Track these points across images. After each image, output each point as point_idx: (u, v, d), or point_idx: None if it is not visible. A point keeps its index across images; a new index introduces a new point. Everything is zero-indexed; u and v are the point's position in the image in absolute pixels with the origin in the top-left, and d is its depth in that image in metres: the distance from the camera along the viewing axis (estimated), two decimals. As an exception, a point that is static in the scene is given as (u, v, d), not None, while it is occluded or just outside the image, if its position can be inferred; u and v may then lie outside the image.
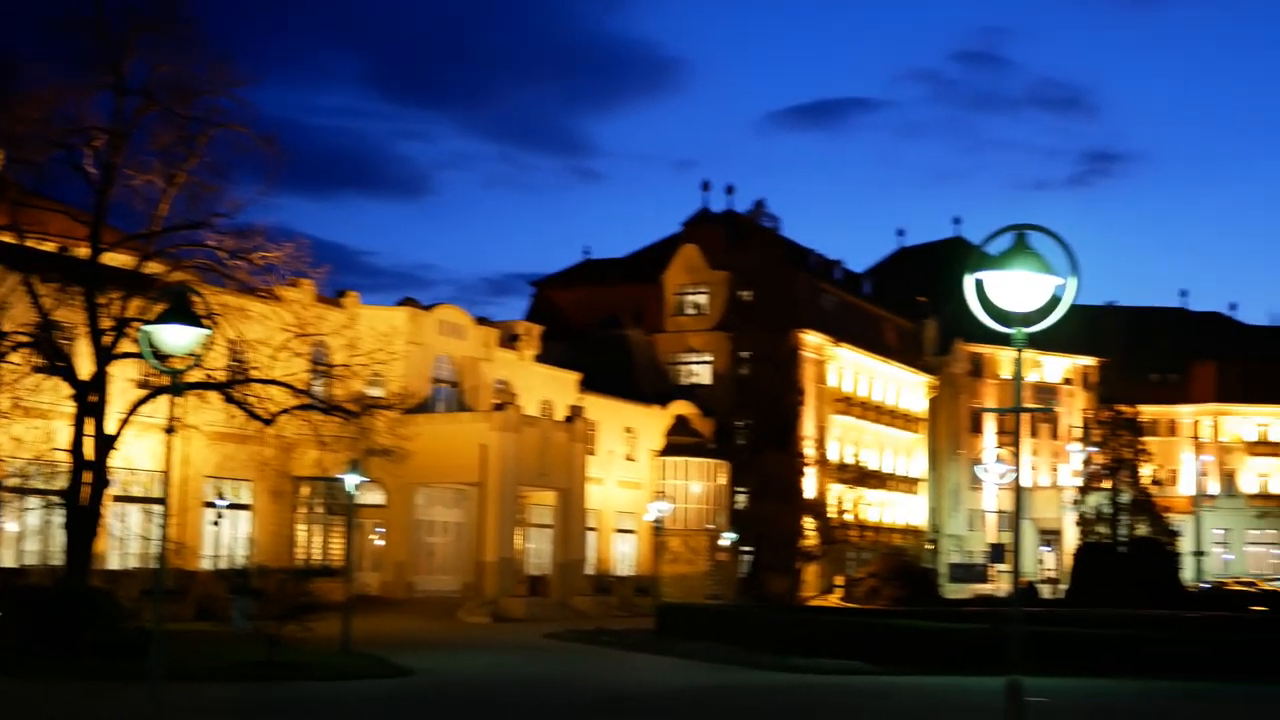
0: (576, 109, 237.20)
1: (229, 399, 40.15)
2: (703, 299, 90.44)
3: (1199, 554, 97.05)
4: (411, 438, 53.05)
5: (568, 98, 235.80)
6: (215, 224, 39.76)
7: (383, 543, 66.11)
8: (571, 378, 77.42)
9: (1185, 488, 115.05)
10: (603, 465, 77.65)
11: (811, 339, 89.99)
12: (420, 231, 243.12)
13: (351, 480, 41.56)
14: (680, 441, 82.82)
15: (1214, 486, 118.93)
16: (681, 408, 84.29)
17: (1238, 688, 33.10)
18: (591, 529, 76.23)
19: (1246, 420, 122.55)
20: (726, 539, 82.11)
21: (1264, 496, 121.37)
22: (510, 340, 74.96)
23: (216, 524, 58.01)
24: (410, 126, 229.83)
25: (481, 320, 73.17)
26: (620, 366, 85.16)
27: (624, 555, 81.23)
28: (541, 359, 76.86)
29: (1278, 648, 38.18)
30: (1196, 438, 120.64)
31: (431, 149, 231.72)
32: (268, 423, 41.01)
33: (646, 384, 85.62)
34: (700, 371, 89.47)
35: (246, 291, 40.82)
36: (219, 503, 57.70)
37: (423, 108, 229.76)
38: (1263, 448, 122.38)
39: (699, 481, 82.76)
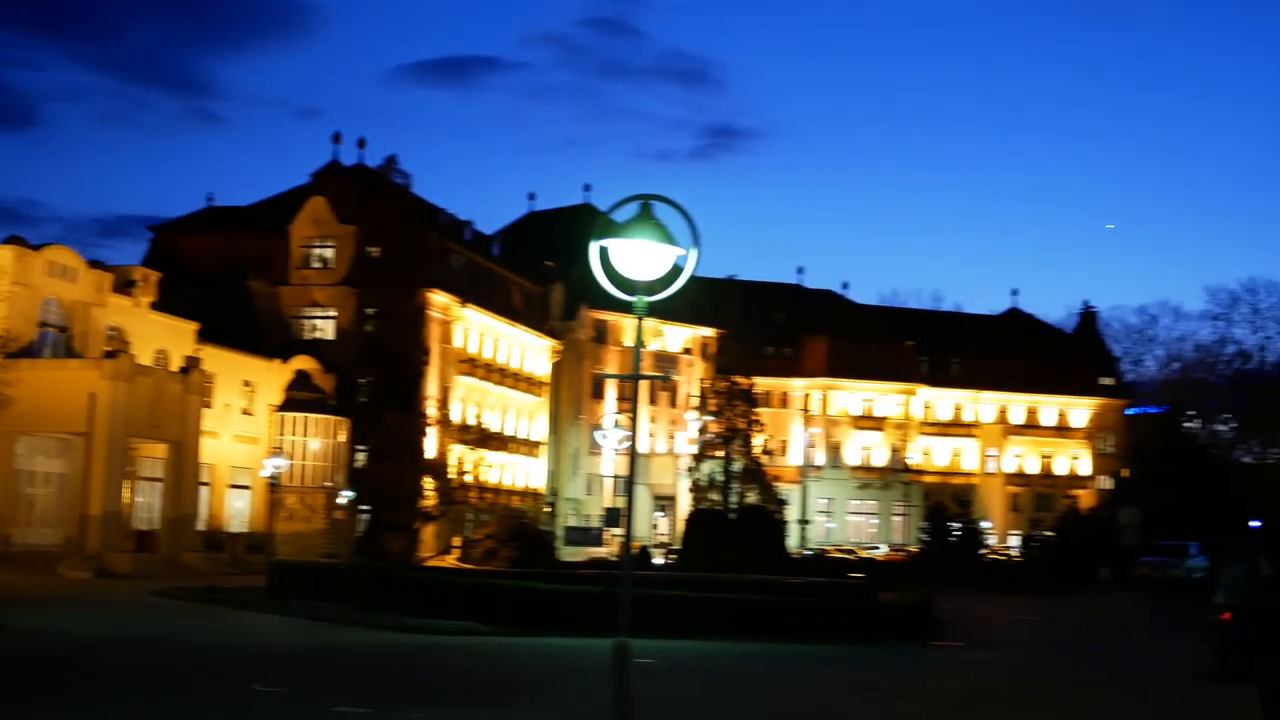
0: (198, 48, 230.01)
1: None
2: (329, 253, 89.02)
3: (804, 522, 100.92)
4: (14, 383, 50.88)
5: (189, 35, 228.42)
6: None
7: (-22, 493, 62.99)
8: (189, 327, 75.13)
9: (794, 458, 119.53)
10: (219, 419, 75.80)
11: (439, 299, 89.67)
12: (27, 166, 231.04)
13: (-55, 426, 39.41)
14: (300, 397, 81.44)
15: (820, 458, 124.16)
16: (303, 363, 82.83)
17: (838, 650, 34.53)
18: (205, 484, 74.45)
19: (853, 395, 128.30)
20: (344, 497, 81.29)
21: (866, 469, 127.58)
22: (125, 286, 72.19)
23: None
24: (16, 53, 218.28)
25: (95, 263, 70.23)
26: (242, 318, 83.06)
27: (238, 511, 79.49)
28: (159, 307, 74.26)
29: (870, 613, 40.07)
30: (806, 410, 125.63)
31: (40, 78, 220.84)
32: None
33: (269, 337, 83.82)
34: (324, 326, 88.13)
35: None
36: None
37: (31, 33, 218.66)
38: (866, 422, 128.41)
39: (318, 438, 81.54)
